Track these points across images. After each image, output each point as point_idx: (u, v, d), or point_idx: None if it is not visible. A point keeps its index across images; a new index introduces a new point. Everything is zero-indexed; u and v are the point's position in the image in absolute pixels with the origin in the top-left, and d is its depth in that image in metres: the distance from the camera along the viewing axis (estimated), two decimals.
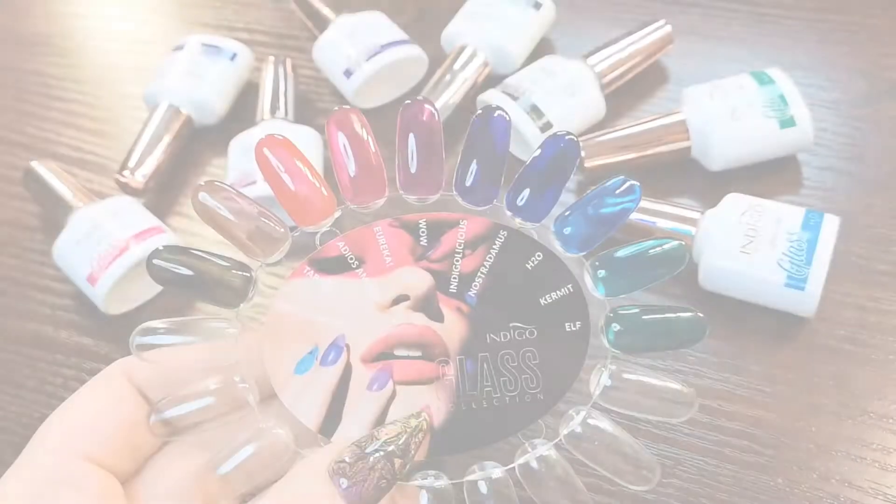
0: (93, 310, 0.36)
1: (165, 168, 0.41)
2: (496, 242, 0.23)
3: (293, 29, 0.48)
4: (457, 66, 0.41)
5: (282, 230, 0.23)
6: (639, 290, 0.23)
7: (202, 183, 0.22)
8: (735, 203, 0.33)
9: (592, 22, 0.45)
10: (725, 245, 0.31)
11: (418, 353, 0.22)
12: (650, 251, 0.22)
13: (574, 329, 0.22)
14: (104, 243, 0.35)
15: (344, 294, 0.23)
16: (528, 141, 0.37)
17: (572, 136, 0.23)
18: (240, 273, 0.22)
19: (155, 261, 0.22)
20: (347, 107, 0.23)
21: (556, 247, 0.23)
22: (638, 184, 0.22)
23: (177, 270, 0.22)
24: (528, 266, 0.23)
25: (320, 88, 0.45)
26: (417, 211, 0.24)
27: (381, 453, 0.19)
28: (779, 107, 0.35)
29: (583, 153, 0.37)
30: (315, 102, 0.44)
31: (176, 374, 0.22)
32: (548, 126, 0.37)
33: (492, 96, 0.39)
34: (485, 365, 0.22)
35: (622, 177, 0.22)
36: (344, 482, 0.19)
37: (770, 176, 0.37)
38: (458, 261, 0.23)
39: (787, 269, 0.30)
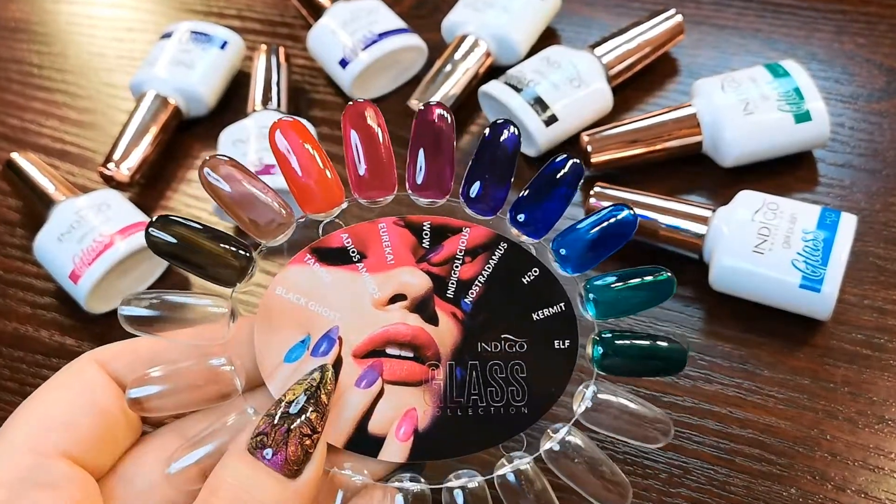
0: (75, 308, 0.36)
1: (152, 161, 0.40)
2: (496, 253, 0.24)
3: (287, 16, 0.48)
4: (458, 56, 0.40)
5: (286, 213, 0.23)
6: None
7: (208, 157, 0.22)
8: (748, 200, 0.32)
9: (599, 11, 0.45)
10: (738, 244, 0.31)
11: (410, 354, 0.23)
12: (640, 281, 0.23)
13: (563, 347, 0.23)
14: (87, 239, 0.34)
15: (342, 286, 0.23)
16: (531, 134, 0.37)
17: (576, 160, 0.23)
18: (240, 251, 0.22)
19: (153, 230, 0.21)
20: (362, 99, 0.24)
21: (552, 264, 0.24)
22: (635, 212, 0.23)
23: (176, 242, 0.21)
24: (525, 280, 0.24)
25: (314, 79, 0.44)
26: (423, 212, 0.24)
27: (292, 413, 0.19)
28: (794, 100, 0.34)
29: (589, 148, 0.36)
30: (309, 93, 0.44)
31: (158, 360, 0.22)
32: (553, 119, 0.36)
33: (494, 87, 0.38)
34: (474, 373, 0.23)
35: (621, 205, 0.23)
36: (268, 452, 0.19)
37: (784, 172, 0.36)
38: (457, 267, 0.24)
39: (802, 270, 0.30)
